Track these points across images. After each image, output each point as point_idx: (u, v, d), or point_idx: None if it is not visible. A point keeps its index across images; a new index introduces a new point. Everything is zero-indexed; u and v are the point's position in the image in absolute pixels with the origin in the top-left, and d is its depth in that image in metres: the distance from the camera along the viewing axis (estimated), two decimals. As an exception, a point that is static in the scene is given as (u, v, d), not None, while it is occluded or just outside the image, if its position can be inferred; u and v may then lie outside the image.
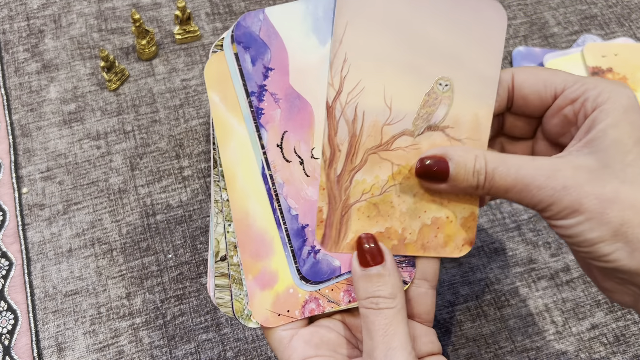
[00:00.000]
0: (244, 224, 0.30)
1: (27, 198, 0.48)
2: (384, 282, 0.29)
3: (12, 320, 0.43)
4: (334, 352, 0.31)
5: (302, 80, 0.30)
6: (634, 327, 0.45)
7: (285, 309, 0.31)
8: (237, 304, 0.30)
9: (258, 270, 0.30)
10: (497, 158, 0.29)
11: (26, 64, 0.54)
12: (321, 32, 0.30)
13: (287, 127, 0.30)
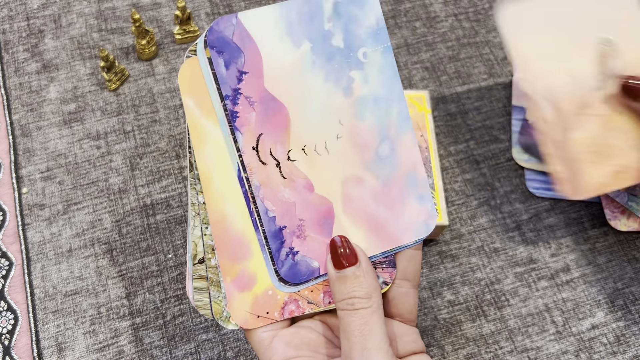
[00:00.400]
0: (221, 227, 0.30)
1: (27, 198, 0.48)
2: (358, 282, 0.29)
3: (12, 320, 0.43)
4: (315, 352, 0.31)
5: (277, 83, 0.30)
6: (634, 327, 0.45)
7: (265, 310, 0.31)
8: (216, 306, 0.31)
9: (236, 273, 0.30)
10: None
11: (26, 64, 0.54)
12: (295, 35, 0.30)
13: (263, 129, 0.30)
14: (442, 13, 0.59)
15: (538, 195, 0.50)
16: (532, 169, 0.50)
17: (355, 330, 0.28)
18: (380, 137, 0.32)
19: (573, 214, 0.49)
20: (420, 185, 0.32)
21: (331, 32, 0.31)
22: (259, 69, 0.30)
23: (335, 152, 0.31)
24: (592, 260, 0.47)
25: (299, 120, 0.30)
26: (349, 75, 0.31)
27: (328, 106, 0.31)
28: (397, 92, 0.32)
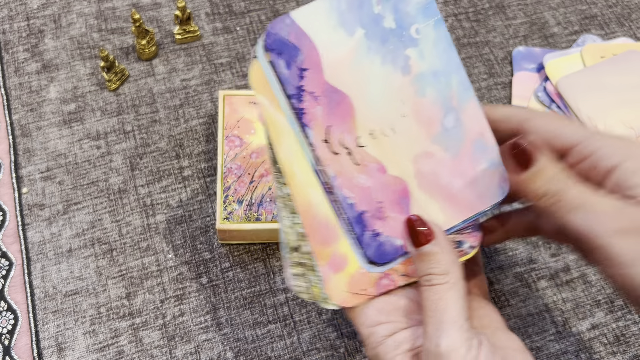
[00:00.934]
0: (308, 214, 0.31)
1: (27, 198, 0.48)
2: (436, 260, 0.30)
3: (12, 320, 0.43)
4: (406, 317, 0.31)
5: (337, 74, 0.31)
6: (634, 327, 0.45)
7: (360, 287, 0.32)
8: (315, 290, 0.32)
9: (328, 256, 0.31)
10: (573, 180, 0.29)
11: (26, 64, 0.54)
12: (347, 24, 0.31)
13: (330, 121, 0.31)
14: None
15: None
16: (532, 169, 0.50)
17: (432, 304, 0.29)
18: (444, 109, 0.32)
19: (573, 214, 0.49)
20: (490, 151, 0.32)
21: (381, 14, 0.31)
22: (318, 64, 0.30)
23: (402, 132, 0.32)
24: (592, 260, 0.47)
25: (363, 106, 0.31)
26: (404, 54, 0.32)
27: (389, 88, 0.31)
28: (454, 63, 0.32)
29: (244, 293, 0.45)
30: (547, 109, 0.52)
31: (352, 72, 0.31)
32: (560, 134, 0.31)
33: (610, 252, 0.27)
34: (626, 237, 0.27)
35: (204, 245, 0.47)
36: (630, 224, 0.27)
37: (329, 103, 0.31)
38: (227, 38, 0.57)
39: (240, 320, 0.44)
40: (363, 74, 0.31)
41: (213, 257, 0.46)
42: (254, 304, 0.45)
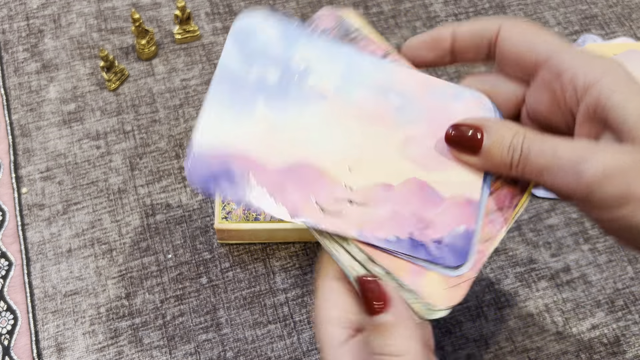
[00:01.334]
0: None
1: (27, 198, 0.48)
2: (391, 334, 0.27)
3: (11, 320, 0.43)
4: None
5: (275, 154, 0.30)
6: (634, 327, 0.45)
7: (456, 278, 0.30)
8: (416, 306, 0.29)
9: (405, 264, 0.29)
10: (535, 136, 0.26)
11: (26, 63, 0.54)
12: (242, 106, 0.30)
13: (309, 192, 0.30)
14: (442, 13, 0.59)
15: (538, 195, 0.50)
16: (532, 169, 0.50)
17: None
18: (379, 95, 0.31)
19: (573, 214, 0.49)
20: (450, 89, 0.31)
21: (260, 76, 0.30)
22: (253, 161, 0.29)
23: (372, 142, 0.31)
24: (592, 260, 0.47)
25: (323, 156, 0.30)
26: (309, 87, 0.31)
27: (324, 122, 0.30)
28: (347, 52, 0.31)
29: (244, 293, 0.45)
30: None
31: (285, 140, 0.30)
32: (532, 47, 0.28)
33: (591, 200, 0.25)
34: (603, 182, 0.24)
35: (204, 245, 0.47)
36: (602, 167, 0.24)
37: (295, 181, 0.29)
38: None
39: (240, 320, 0.44)
40: (295, 132, 0.30)
41: (213, 257, 0.46)
42: (254, 304, 0.45)
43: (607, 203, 0.25)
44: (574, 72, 0.26)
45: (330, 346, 0.28)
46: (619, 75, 0.26)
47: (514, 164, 0.27)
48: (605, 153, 0.25)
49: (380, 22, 0.59)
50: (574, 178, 0.25)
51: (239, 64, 0.30)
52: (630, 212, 0.24)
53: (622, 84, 0.25)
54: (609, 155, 0.24)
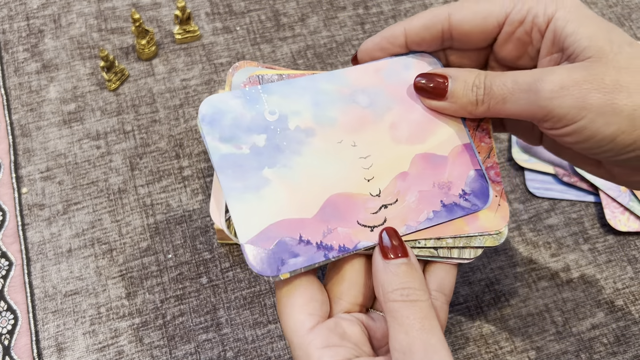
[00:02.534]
0: None
1: (27, 198, 0.48)
2: (411, 274, 0.28)
3: (11, 320, 0.43)
4: (357, 346, 0.29)
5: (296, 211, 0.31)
6: (634, 327, 0.45)
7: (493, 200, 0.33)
8: (488, 241, 0.32)
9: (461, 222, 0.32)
10: (495, 73, 0.29)
11: (26, 63, 0.54)
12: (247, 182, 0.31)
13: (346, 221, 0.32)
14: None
15: (538, 195, 0.50)
16: (532, 169, 0.50)
17: (416, 323, 0.26)
18: (348, 103, 0.33)
19: (573, 214, 0.49)
20: (395, 61, 0.34)
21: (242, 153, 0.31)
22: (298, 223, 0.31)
23: (371, 148, 0.33)
24: (592, 260, 0.47)
25: (340, 184, 0.31)
26: (291, 134, 0.32)
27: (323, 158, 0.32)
28: (303, 84, 0.33)
29: (244, 293, 0.45)
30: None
31: (305, 189, 0.31)
32: (488, 13, 0.31)
33: (552, 116, 0.27)
34: (560, 96, 0.26)
35: (204, 245, 0.47)
36: (559, 83, 0.26)
37: (333, 217, 0.31)
38: (227, 38, 0.57)
39: (240, 320, 0.44)
40: (308, 177, 0.31)
41: (213, 257, 0.46)
42: (254, 304, 0.45)
43: (566, 117, 0.26)
44: (534, 13, 0.29)
45: (299, 333, 0.29)
46: (572, 5, 0.28)
47: (479, 100, 0.29)
48: (561, 71, 0.27)
49: (380, 22, 0.59)
50: (534, 98, 0.27)
51: (227, 146, 0.31)
52: (589, 122, 0.26)
53: (575, 13, 0.28)
54: (564, 72, 0.27)
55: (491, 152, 0.34)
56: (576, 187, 0.50)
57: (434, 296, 0.31)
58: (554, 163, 0.50)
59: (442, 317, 0.31)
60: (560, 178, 0.50)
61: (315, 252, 0.30)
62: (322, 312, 0.30)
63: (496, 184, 0.33)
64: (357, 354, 0.28)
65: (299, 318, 0.29)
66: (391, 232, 0.30)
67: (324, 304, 0.30)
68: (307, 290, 0.30)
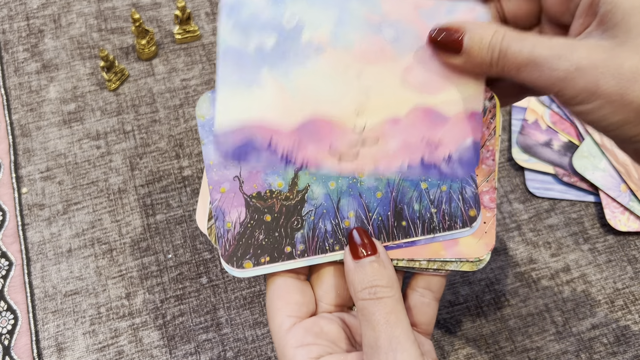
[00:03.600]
0: None
1: (27, 198, 0.48)
2: (379, 272, 0.29)
3: (12, 320, 0.43)
4: (333, 343, 0.30)
5: (288, 113, 0.31)
6: (634, 327, 0.45)
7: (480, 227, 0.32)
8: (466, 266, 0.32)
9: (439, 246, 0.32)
10: (514, 35, 0.27)
11: (26, 63, 0.54)
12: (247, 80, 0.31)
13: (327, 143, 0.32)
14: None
15: (538, 195, 0.50)
16: (532, 169, 0.50)
17: (381, 318, 0.27)
18: (373, 31, 0.32)
19: (573, 214, 0.49)
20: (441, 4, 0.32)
21: (259, 42, 0.31)
22: (270, 127, 0.31)
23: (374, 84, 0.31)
24: (592, 260, 0.47)
25: (332, 107, 0.31)
26: (308, 42, 0.31)
27: (327, 75, 0.31)
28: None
29: (244, 293, 0.45)
30: (548, 110, 0.52)
31: (293, 101, 0.31)
32: None
33: (563, 94, 0.26)
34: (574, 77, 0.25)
35: (204, 245, 0.47)
36: (576, 63, 0.25)
37: (309, 135, 0.31)
38: (227, 38, 0.57)
39: (240, 320, 0.44)
40: (301, 91, 0.31)
41: (213, 257, 0.46)
42: (254, 304, 0.45)
43: (577, 98, 0.26)
44: None
45: (278, 334, 0.30)
46: None
47: (494, 62, 0.28)
48: (581, 49, 0.26)
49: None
50: (548, 73, 0.26)
51: (237, 38, 0.31)
52: (597, 107, 0.25)
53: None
54: (584, 51, 0.25)
55: (491, 176, 0.32)
56: (576, 187, 0.50)
57: (421, 293, 0.32)
58: (554, 163, 0.50)
59: (430, 314, 0.32)
60: (560, 178, 0.50)
61: (278, 162, 0.31)
62: (301, 313, 0.31)
63: (488, 210, 0.32)
64: (331, 351, 0.29)
65: (278, 320, 0.30)
66: (360, 231, 0.30)
67: (304, 305, 0.31)
68: (286, 293, 0.31)
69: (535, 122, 0.52)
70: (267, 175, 0.31)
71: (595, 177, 0.49)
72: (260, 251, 0.31)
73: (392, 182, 0.31)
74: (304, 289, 0.32)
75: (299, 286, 0.32)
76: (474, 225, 0.31)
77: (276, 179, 0.31)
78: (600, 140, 0.50)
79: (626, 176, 0.49)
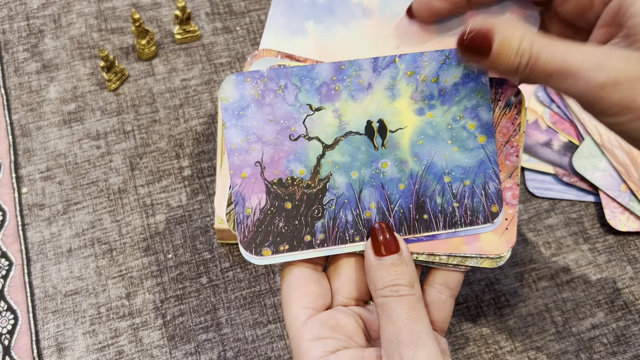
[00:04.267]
0: None
1: (27, 198, 0.48)
2: (401, 270, 0.28)
3: (12, 320, 0.43)
4: (349, 338, 0.30)
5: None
6: (634, 327, 0.45)
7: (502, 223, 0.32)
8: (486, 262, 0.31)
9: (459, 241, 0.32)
10: (545, 41, 0.26)
11: (26, 63, 0.54)
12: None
13: None
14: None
15: (538, 195, 0.50)
16: (532, 169, 0.50)
17: (403, 314, 0.27)
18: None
19: (573, 214, 0.49)
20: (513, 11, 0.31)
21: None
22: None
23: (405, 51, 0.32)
24: (592, 260, 0.47)
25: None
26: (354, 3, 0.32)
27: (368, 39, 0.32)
28: None
29: (244, 293, 0.45)
30: (548, 109, 0.52)
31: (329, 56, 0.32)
32: None
33: (597, 106, 0.26)
34: (610, 90, 0.25)
35: (204, 245, 0.47)
36: (614, 76, 0.25)
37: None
38: (227, 38, 0.57)
39: (240, 320, 0.44)
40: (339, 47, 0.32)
41: (213, 257, 0.46)
42: (254, 304, 0.45)
43: (610, 110, 0.25)
44: None
45: (293, 326, 0.30)
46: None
47: (521, 67, 0.27)
48: (617, 61, 0.25)
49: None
50: (583, 84, 0.25)
51: None
52: (630, 120, 0.25)
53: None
54: (620, 63, 0.25)
55: (514, 173, 0.32)
56: (576, 187, 0.50)
57: (438, 289, 0.32)
58: (554, 163, 0.50)
59: (446, 311, 0.32)
60: (560, 178, 0.50)
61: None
62: (318, 305, 0.31)
63: (510, 207, 0.32)
64: (347, 345, 0.29)
65: (294, 311, 0.30)
66: (383, 227, 0.30)
67: (321, 297, 0.31)
68: (303, 284, 0.31)
69: (535, 122, 0.52)
70: (289, 161, 0.31)
71: (595, 177, 0.49)
72: (280, 239, 0.31)
73: (415, 175, 0.31)
74: (320, 281, 0.32)
75: (315, 277, 0.31)
76: (496, 221, 0.31)
77: (298, 165, 0.31)
78: (600, 141, 0.50)
79: (626, 176, 0.49)
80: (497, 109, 0.32)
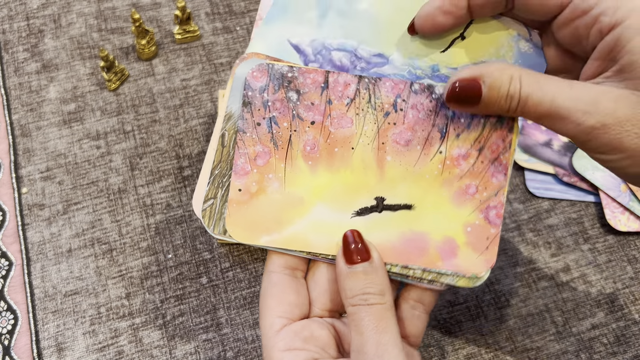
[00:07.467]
0: None
1: (27, 198, 0.48)
2: (371, 279, 0.28)
3: (11, 320, 0.43)
4: (322, 350, 0.30)
5: None
6: (634, 327, 0.45)
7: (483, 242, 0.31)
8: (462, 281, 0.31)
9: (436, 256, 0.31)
10: (533, 82, 0.27)
11: (26, 63, 0.54)
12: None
13: None
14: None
15: (538, 195, 0.50)
16: (532, 169, 0.50)
17: (370, 324, 0.27)
18: None
19: (573, 214, 0.49)
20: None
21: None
22: None
23: None
24: (592, 260, 0.47)
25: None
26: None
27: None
28: None
29: (244, 293, 0.45)
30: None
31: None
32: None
33: (586, 145, 0.27)
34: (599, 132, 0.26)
35: (204, 245, 0.47)
36: (602, 119, 0.25)
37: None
38: (227, 38, 0.57)
39: (240, 320, 0.44)
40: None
41: (213, 257, 0.46)
42: (254, 304, 0.45)
43: (600, 149, 0.26)
44: (602, 9, 0.27)
45: (267, 334, 0.30)
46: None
47: (512, 109, 0.28)
48: (606, 103, 0.26)
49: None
50: (573, 127, 0.26)
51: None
52: (619, 159, 0.26)
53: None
54: (609, 105, 0.26)
55: (500, 192, 0.31)
56: (576, 187, 0.50)
57: (412, 305, 0.32)
58: (554, 163, 0.50)
59: (420, 326, 0.32)
60: (560, 178, 0.50)
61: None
62: (293, 315, 0.31)
63: (493, 226, 0.31)
64: (318, 357, 0.29)
65: (268, 320, 0.30)
66: (355, 235, 0.30)
67: (297, 307, 0.31)
68: (280, 292, 0.31)
69: (535, 122, 0.52)
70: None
71: (595, 177, 0.49)
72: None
73: None
74: (299, 289, 0.31)
75: (294, 286, 0.31)
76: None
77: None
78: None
79: None
80: (489, 124, 0.31)
